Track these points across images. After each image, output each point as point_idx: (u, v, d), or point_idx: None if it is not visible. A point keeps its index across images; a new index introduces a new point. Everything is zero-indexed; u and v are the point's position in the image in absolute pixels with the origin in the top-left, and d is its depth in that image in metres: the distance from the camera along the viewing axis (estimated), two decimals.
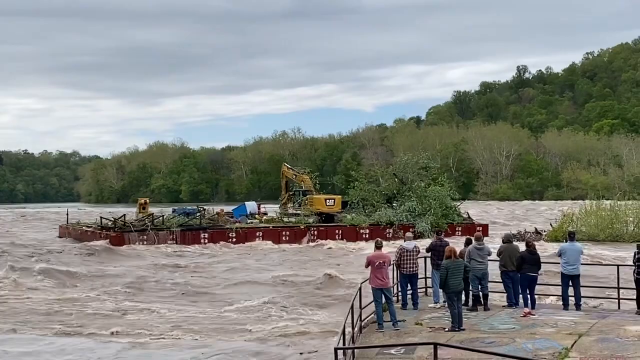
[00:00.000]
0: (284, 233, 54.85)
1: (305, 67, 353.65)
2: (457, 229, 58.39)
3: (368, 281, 17.90)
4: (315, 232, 55.61)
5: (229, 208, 67.83)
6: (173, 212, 63.12)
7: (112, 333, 22.31)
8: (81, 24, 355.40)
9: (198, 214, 59.29)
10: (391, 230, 56.23)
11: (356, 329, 16.75)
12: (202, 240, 52.46)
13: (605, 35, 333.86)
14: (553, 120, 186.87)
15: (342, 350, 13.02)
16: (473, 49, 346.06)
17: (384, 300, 17.79)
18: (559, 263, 20.37)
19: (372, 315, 18.86)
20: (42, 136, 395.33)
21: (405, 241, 20.33)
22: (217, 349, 20.18)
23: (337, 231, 56.27)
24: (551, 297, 22.86)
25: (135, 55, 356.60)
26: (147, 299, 29.36)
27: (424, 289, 21.96)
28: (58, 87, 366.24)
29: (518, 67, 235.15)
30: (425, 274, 21.67)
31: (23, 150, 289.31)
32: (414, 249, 19.85)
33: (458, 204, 65.55)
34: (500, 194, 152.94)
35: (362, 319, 17.87)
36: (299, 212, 60.88)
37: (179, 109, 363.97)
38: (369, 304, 18.62)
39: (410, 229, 54.31)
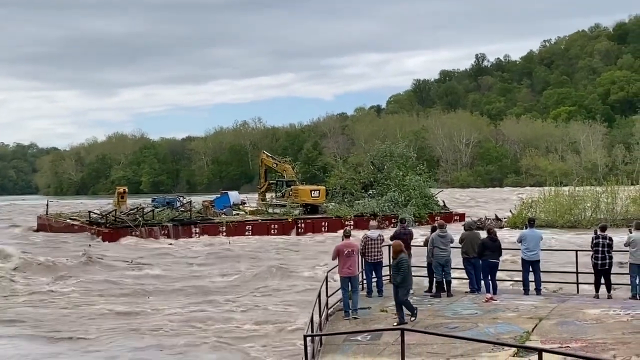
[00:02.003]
0: (272, 226, 54.62)
1: (264, 56, 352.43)
2: (436, 219, 58.68)
3: (337, 270, 18.13)
4: (303, 225, 55.54)
5: (201, 197, 65.33)
6: (153, 201, 61.08)
7: None
8: (33, 14, 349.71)
9: (179, 204, 57.87)
10: (375, 222, 55.88)
11: (323, 316, 17.02)
12: (193, 235, 51.25)
13: (561, 22, 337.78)
14: (511, 107, 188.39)
15: (310, 338, 13.25)
16: (431, 37, 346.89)
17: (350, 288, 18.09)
18: (519, 249, 20.86)
19: (338, 303, 19.18)
20: None
21: (369, 230, 20.66)
22: None
23: (323, 223, 56.30)
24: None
25: (90, 46, 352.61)
26: None
27: (388, 277, 22.24)
28: (12, 78, 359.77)
29: (477, 55, 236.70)
30: (390, 262, 21.95)
31: None
32: (378, 238, 20.16)
33: (436, 193, 65.98)
34: (460, 181, 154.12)
35: (328, 307, 18.17)
36: (284, 203, 59.37)
37: (136, 99, 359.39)
38: (334, 292, 18.94)
39: (392, 220, 54.89)
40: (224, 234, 51.94)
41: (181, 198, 61.41)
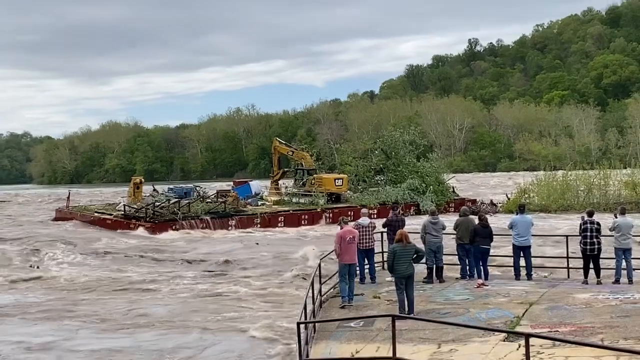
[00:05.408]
0: (303, 217, 53.33)
1: (255, 43, 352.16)
2: (450, 205, 58.27)
3: (338, 257, 18.16)
4: (331, 214, 53.99)
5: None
6: (169, 190, 59.95)
7: None
8: (20, 2, 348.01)
9: (196, 194, 56.95)
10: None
11: (316, 304, 17.23)
12: (229, 228, 49.47)
13: (554, 6, 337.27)
14: (505, 92, 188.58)
15: (303, 325, 13.44)
16: (423, 22, 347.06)
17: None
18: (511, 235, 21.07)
19: (330, 290, 19.41)
20: None
21: (360, 218, 20.89)
22: None
23: (349, 212, 55.46)
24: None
25: (79, 34, 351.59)
26: None
27: (381, 263, 22.49)
28: (3, 67, 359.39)
29: (469, 39, 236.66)
30: (382, 249, 22.20)
31: None
32: (370, 225, 20.38)
33: (449, 178, 65.76)
34: (454, 166, 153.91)
35: (322, 294, 18.39)
36: (309, 192, 57.67)
37: (128, 87, 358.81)
38: (327, 279, 19.17)
39: (413, 207, 54.86)
40: (259, 225, 50.47)
41: (197, 188, 60.64)
